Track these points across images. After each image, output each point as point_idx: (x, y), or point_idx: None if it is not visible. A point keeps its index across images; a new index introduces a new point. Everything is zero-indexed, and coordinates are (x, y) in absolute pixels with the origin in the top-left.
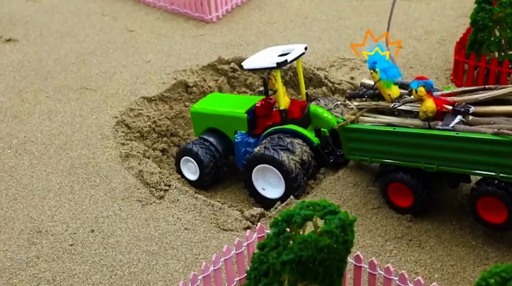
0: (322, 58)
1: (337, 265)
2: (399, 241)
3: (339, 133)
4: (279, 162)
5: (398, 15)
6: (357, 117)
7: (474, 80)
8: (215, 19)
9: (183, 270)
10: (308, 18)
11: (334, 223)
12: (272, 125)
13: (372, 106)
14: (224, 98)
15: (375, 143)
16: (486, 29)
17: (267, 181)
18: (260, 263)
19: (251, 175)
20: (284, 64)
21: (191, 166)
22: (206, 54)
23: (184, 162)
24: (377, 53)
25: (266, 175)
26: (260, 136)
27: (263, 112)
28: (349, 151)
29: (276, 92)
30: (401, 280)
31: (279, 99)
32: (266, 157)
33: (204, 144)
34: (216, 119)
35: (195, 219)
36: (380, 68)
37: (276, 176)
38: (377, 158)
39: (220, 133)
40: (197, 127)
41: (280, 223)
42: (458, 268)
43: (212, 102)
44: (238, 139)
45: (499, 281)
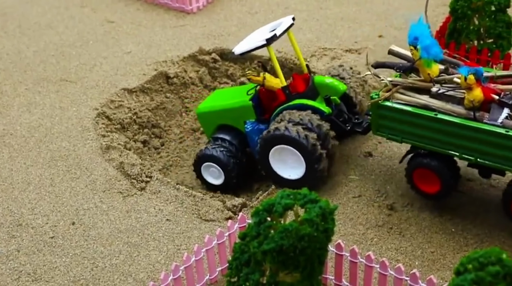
0: (303, 48)
1: (318, 254)
2: (380, 229)
3: (371, 108)
4: (291, 139)
5: (379, 5)
6: (392, 94)
7: None
8: (195, 10)
9: (165, 261)
10: (289, 9)
11: (315, 211)
12: (279, 105)
13: (407, 83)
14: (226, 92)
15: (410, 125)
16: (465, 17)
17: (286, 163)
18: (242, 252)
19: (269, 160)
20: (274, 39)
21: (214, 171)
22: (186, 45)
23: (205, 168)
24: (419, 27)
25: (282, 156)
26: (268, 120)
27: (267, 95)
28: (378, 127)
29: (263, 85)
30: (382, 267)
31: (279, 76)
32: (276, 137)
33: (220, 144)
34: (223, 114)
35: (176, 210)
36: (422, 46)
37: (294, 155)
38: (410, 140)
39: (232, 128)
40: (207, 127)
41: (261, 212)
42: (438, 255)
43: (215, 99)
44: (249, 128)
45: (477, 267)
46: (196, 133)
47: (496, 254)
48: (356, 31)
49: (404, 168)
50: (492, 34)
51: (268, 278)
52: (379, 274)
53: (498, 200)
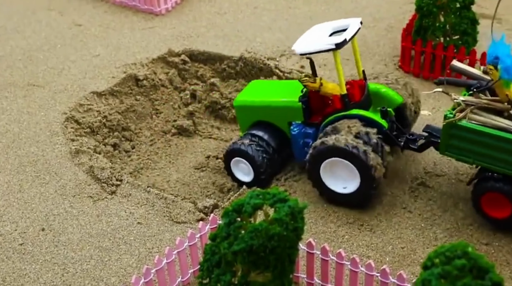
0: (273, 47)
1: (288, 253)
2: (351, 226)
3: (443, 127)
4: (351, 154)
5: (347, 3)
6: (466, 114)
7: (421, 66)
8: (164, 11)
9: (137, 264)
10: (258, 8)
11: (284, 211)
12: (333, 112)
13: (483, 103)
14: (267, 86)
15: (486, 147)
16: (430, 15)
17: (337, 175)
18: (212, 254)
19: (319, 171)
20: (343, 44)
21: (244, 167)
22: (156, 47)
23: (235, 164)
24: (500, 46)
25: (334, 169)
26: (318, 125)
27: (318, 98)
28: (447, 147)
29: (318, 91)
30: (352, 264)
31: (340, 83)
32: (334, 149)
33: (253, 140)
34: (265, 111)
35: (148, 213)
36: (503, 66)
37: (348, 170)
38: (484, 163)
39: (270, 125)
40: (243, 121)
41: (231, 213)
42: (408, 250)
43: (256, 92)
44: (295, 131)
45: (443, 261)
46: (167, 135)
47: (462, 248)
48: None
49: None
50: (458, 31)
51: (239, 278)
52: (350, 271)
53: (467, 195)
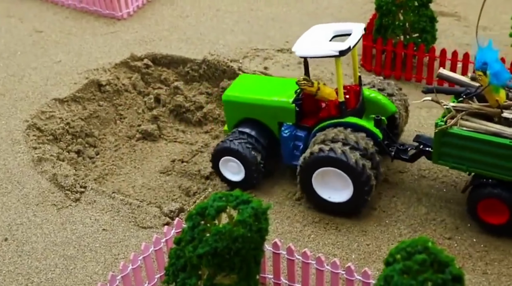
0: (236, 49)
1: (253, 254)
2: (317, 225)
3: (436, 135)
4: (348, 165)
5: (308, 4)
6: (457, 120)
7: (382, 64)
8: (126, 16)
9: (103, 271)
10: (220, 11)
11: (247, 212)
12: (328, 117)
13: (473, 109)
14: (258, 82)
15: (479, 153)
16: (390, 13)
17: (328, 184)
18: (177, 258)
19: (311, 179)
20: (348, 52)
21: (233, 166)
22: (118, 52)
23: (224, 163)
24: (488, 52)
25: (326, 177)
26: (309, 128)
27: (312, 102)
28: (440, 155)
29: (315, 95)
30: (318, 263)
31: (339, 90)
32: (331, 159)
33: (242, 138)
34: (255, 109)
35: (113, 219)
36: (492, 72)
37: (341, 179)
38: (478, 169)
39: (258, 123)
40: (230, 117)
41: (195, 216)
42: (373, 247)
43: (247, 88)
44: (286, 133)
45: (405, 256)
46: (131, 140)
47: (423, 243)
48: (287, 31)
49: None
50: (417, 29)
51: (205, 281)
52: (316, 270)
53: (430, 190)
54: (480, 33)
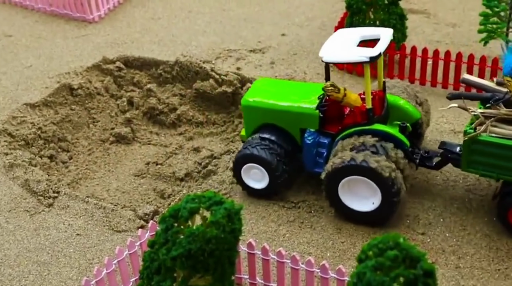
0: (208, 50)
1: (227, 255)
2: (292, 224)
3: (464, 143)
4: (379, 175)
5: (280, 4)
6: (487, 127)
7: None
8: (97, 19)
9: (77, 277)
10: (192, 12)
11: (220, 213)
12: (353, 124)
13: (502, 115)
14: (277, 86)
15: (510, 160)
16: (360, 12)
17: (355, 193)
18: (151, 261)
19: (337, 188)
20: (378, 58)
21: (256, 173)
22: (90, 55)
23: (246, 171)
24: None
25: (353, 186)
26: (333, 135)
27: (336, 107)
28: (469, 163)
29: (341, 102)
30: (293, 262)
31: (367, 97)
32: (360, 168)
33: (264, 144)
34: (277, 114)
35: (87, 223)
36: None
37: (369, 188)
38: (508, 176)
39: (279, 129)
40: (249, 123)
41: (168, 219)
42: (348, 245)
43: (266, 93)
44: (310, 140)
45: (377, 253)
46: (105, 144)
47: (394, 239)
48: (259, 31)
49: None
50: (387, 27)
51: (180, 283)
52: (291, 269)
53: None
54: (449, 30)
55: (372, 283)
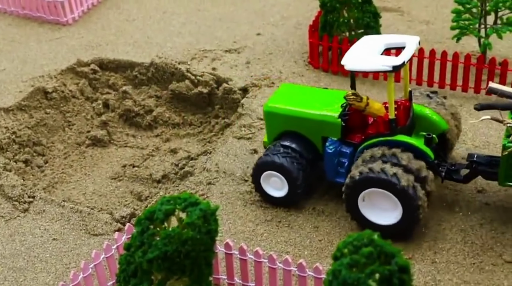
0: (183, 51)
1: (204, 256)
2: (269, 224)
3: (504, 157)
4: (399, 188)
5: (255, 3)
6: None
7: (329, 61)
8: (71, 21)
9: (54, 282)
10: (167, 13)
11: (196, 214)
12: (376, 134)
13: None
14: (301, 92)
15: None
16: (334, 10)
17: (375, 205)
18: (128, 264)
19: (357, 200)
20: (401, 67)
21: (276, 181)
22: (64, 58)
23: (266, 178)
24: None
25: (373, 198)
26: (355, 145)
27: (358, 116)
28: (507, 177)
29: (364, 111)
30: (270, 261)
31: (390, 107)
32: (381, 180)
33: (286, 152)
34: (298, 121)
35: (63, 228)
36: None
37: (390, 201)
38: None
39: (301, 136)
40: (271, 129)
41: (143, 221)
42: (325, 243)
43: (289, 99)
44: (331, 149)
45: (352, 250)
46: (81, 147)
47: (368, 236)
48: (235, 31)
49: None
50: (361, 25)
51: None
52: (269, 268)
53: None
54: (422, 27)
55: (348, 280)
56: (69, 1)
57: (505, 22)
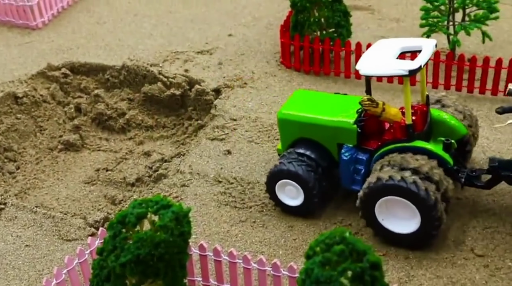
0: (155, 53)
1: (177, 258)
2: (244, 224)
3: None
4: (418, 197)
5: (227, 3)
6: None
7: (301, 60)
8: (41, 25)
9: None
10: (138, 15)
11: (168, 217)
12: (393, 140)
13: None
14: (315, 99)
15: None
16: (305, 10)
17: (393, 214)
18: (101, 268)
19: (374, 209)
20: (418, 71)
21: (291, 190)
22: (34, 62)
23: (281, 187)
24: None
25: (391, 206)
26: (372, 151)
27: (374, 122)
28: None
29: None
30: (244, 262)
31: (406, 112)
32: (400, 188)
33: (301, 160)
34: (313, 128)
35: (36, 234)
36: None
37: (408, 210)
38: None
39: (315, 143)
40: (285, 136)
41: (115, 225)
42: (300, 242)
43: (303, 105)
44: (347, 156)
45: (324, 248)
46: (53, 152)
47: (340, 234)
48: (207, 32)
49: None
50: (332, 24)
51: None
52: (244, 269)
53: None
54: (393, 25)
55: (320, 279)
56: (38, 5)
57: (472, 19)
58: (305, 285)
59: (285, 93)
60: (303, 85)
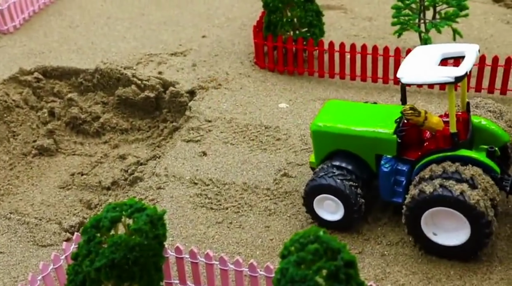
0: (129, 56)
1: (153, 261)
2: (221, 226)
3: None
4: (468, 206)
5: (200, 5)
6: None
7: (274, 60)
8: (12, 29)
9: None
10: (111, 18)
11: (142, 220)
12: (436, 150)
13: None
14: (348, 109)
15: None
16: (277, 10)
17: (439, 226)
18: (76, 274)
19: (420, 220)
20: (464, 78)
21: (330, 204)
22: (6, 67)
23: (319, 202)
24: None
25: (436, 218)
26: (412, 162)
27: (414, 131)
28: None
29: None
30: (221, 263)
31: (451, 120)
32: (448, 199)
33: (340, 173)
34: (350, 140)
35: (10, 240)
36: None
37: (456, 221)
38: None
39: (352, 155)
40: (319, 149)
41: (89, 229)
42: (277, 241)
43: (338, 116)
44: (387, 167)
45: (298, 247)
46: (27, 157)
47: (314, 232)
48: (180, 34)
49: None
50: (304, 23)
51: None
52: (220, 270)
53: None
54: (365, 23)
55: (295, 278)
56: (9, 9)
57: (443, 16)
58: (281, 284)
59: (259, 93)
60: (278, 85)
